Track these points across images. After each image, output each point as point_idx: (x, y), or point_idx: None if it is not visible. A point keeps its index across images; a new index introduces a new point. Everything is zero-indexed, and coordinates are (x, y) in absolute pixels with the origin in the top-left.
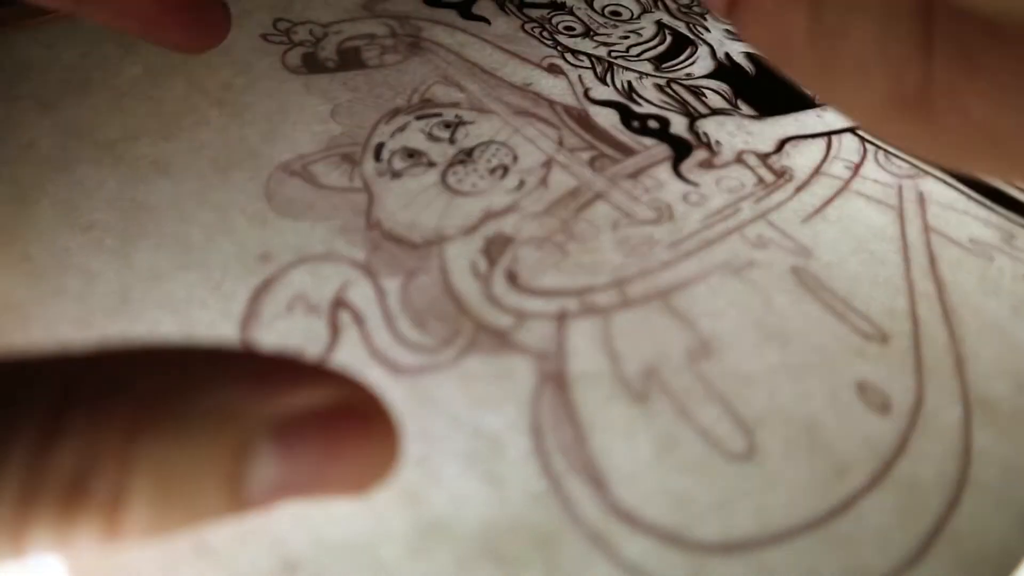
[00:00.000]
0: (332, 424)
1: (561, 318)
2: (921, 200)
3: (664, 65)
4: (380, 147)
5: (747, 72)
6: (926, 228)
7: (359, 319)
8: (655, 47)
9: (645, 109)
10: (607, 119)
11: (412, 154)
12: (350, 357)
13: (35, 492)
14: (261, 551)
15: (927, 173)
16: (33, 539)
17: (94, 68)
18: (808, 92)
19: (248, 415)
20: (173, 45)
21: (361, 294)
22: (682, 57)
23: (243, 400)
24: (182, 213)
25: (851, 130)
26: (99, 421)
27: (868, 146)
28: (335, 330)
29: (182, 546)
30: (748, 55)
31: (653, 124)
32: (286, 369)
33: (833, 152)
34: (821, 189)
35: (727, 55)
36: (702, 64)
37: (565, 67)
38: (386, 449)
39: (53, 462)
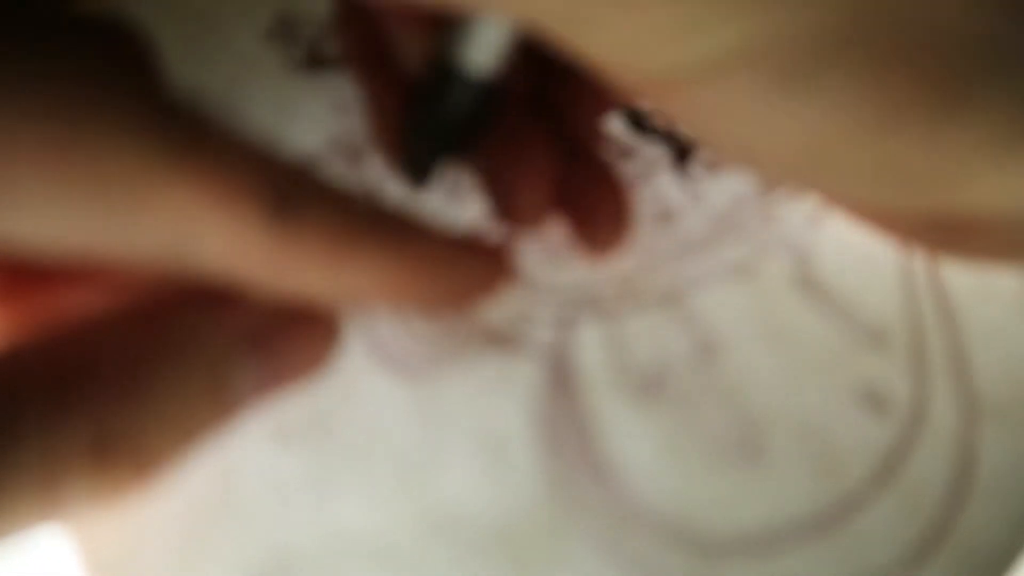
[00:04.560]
0: (290, 318)
1: (566, 316)
2: None
3: None
4: None
5: None
6: None
7: (364, 319)
8: None
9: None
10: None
11: None
12: (355, 357)
13: (57, 454)
14: (267, 544)
15: None
16: (69, 494)
17: None
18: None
19: (222, 333)
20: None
21: None
22: None
23: (216, 322)
24: None
25: None
26: (97, 377)
27: None
28: None
29: (189, 540)
30: None
31: (656, 125)
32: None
33: None
34: None
35: None
36: None
37: None
38: (332, 327)
39: (66, 434)
